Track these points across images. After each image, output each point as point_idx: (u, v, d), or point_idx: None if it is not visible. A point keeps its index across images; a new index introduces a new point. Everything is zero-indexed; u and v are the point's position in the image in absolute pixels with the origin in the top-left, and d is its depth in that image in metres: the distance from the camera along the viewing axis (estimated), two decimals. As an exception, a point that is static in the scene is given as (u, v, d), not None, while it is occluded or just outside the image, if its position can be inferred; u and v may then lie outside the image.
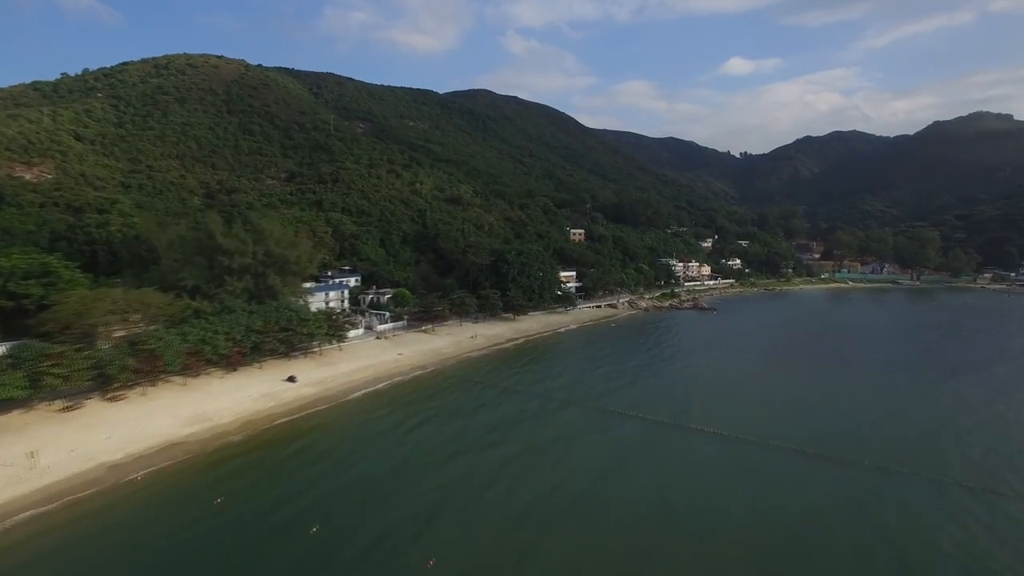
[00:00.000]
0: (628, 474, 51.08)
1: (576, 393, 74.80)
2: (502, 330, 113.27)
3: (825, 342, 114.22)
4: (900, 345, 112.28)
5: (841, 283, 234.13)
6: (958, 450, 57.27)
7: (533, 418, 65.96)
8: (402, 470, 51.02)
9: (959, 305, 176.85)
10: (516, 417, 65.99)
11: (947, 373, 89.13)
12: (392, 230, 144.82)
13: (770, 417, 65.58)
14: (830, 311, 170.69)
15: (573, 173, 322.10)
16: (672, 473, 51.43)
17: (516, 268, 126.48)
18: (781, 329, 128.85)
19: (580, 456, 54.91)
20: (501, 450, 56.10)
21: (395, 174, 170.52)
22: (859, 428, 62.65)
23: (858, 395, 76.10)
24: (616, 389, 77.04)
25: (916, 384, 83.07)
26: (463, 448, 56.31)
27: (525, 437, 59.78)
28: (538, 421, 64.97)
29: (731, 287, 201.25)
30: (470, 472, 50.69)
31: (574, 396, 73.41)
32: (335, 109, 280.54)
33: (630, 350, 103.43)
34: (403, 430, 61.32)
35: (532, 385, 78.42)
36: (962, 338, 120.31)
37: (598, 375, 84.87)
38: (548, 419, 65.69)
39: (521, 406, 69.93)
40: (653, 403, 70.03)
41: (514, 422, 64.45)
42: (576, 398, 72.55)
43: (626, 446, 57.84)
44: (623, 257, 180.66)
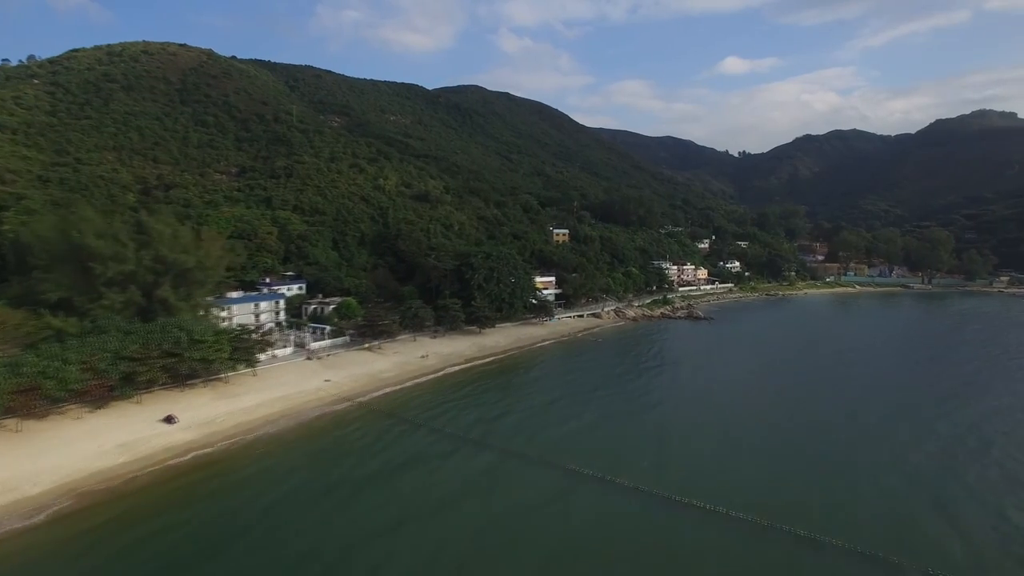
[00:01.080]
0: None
1: (523, 439, 58.78)
2: (462, 347, 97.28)
3: (830, 367, 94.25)
4: (919, 375, 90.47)
5: (847, 287, 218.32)
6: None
7: (461, 482, 49.93)
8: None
9: (978, 314, 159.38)
10: (434, 486, 49.82)
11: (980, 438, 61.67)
12: (349, 230, 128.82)
13: (769, 485, 49.63)
14: (836, 322, 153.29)
15: (563, 170, 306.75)
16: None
17: (482, 274, 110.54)
18: (780, 346, 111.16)
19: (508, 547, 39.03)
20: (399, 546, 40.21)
21: (358, 169, 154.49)
22: (861, 504, 45.83)
23: (869, 457, 56.41)
24: (576, 433, 60.92)
25: (940, 449, 58.28)
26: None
27: (435, 523, 43.76)
28: (467, 489, 48.93)
29: (729, 292, 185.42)
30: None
31: (518, 443, 57.38)
32: (311, 103, 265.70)
33: (604, 375, 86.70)
34: (286, 501, 45.38)
35: (472, 427, 62.37)
36: (998, 364, 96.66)
37: (558, 411, 68.56)
38: (482, 483, 49.76)
39: (447, 463, 53.97)
40: (620, 457, 54.02)
41: (430, 494, 48.42)
42: (521, 447, 56.46)
43: (579, 530, 41.90)
44: (611, 260, 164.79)
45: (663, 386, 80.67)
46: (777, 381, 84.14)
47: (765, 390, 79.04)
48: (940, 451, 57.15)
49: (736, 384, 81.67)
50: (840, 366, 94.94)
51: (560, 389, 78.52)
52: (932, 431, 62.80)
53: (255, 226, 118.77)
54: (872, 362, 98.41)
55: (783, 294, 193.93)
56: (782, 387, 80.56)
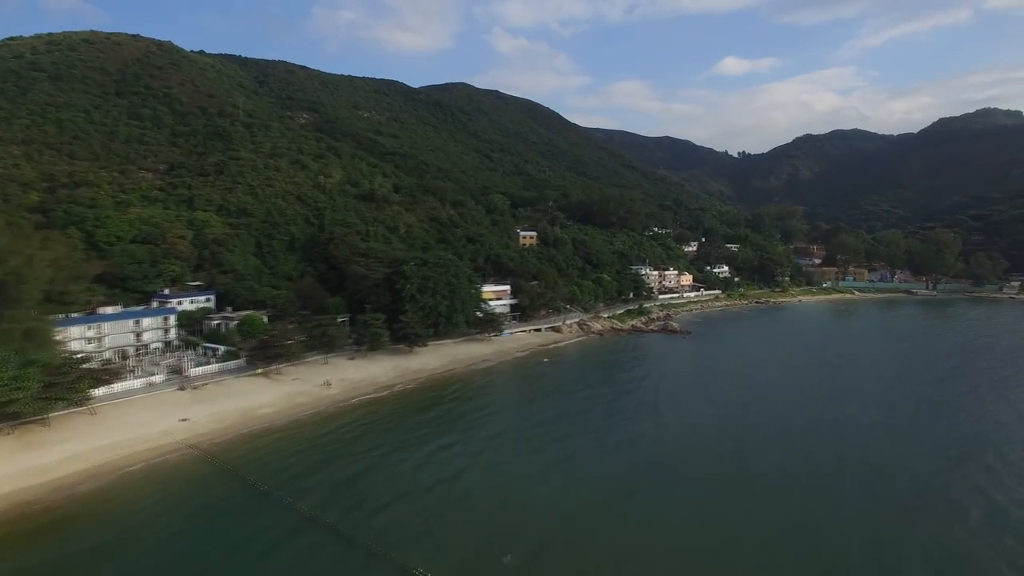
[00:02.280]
0: None
1: (396, 519, 43.78)
2: (380, 371, 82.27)
3: (818, 403, 75.00)
4: (931, 422, 68.55)
5: (846, 293, 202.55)
6: None
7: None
8: None
9: (991, 327, 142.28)
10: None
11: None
12: (277, 233, 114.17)
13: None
14: (831, 336, 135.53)
15: (547, 169, 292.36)
16: None
17: (416, 284, 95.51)
18: (762, 373, 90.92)
19: None
20: None
21: (300, 166, 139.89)
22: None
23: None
24: (462, 518, 45.42)
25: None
26: None
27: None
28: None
29: (716, 299, 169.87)
30: None
31: (379, 523, 42.35)
32: (278, 98, 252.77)
33: (532, 417, 70.72)
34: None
35: (336, 496, 47.20)
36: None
37: (427, 478, 51.61)
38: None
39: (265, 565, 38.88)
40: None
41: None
42: (385, 534, 41.40)
43: None
44: (584, 265, 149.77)
45: (604, 441, 61.09)
46: (757, 433, 63.66)
47: (741, 448, 59.08)
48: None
49: (704, 436, 62.95)
50: (837, 405, 73.76)
51: (468, 440, 63.23)
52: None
53: (164, 229, 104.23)
54: (874, 405, 73.96)
55: (775, 302, 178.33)
56: (762, 441, 61.38)
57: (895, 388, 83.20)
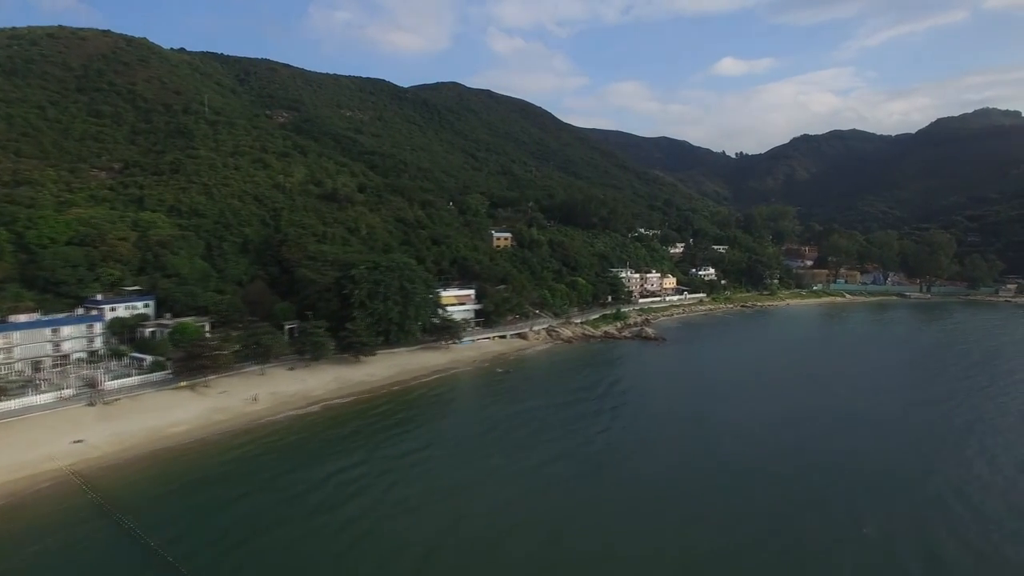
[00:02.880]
0: None
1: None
2: (318, 383, 76.26)
3: (796, 429, 65.34)
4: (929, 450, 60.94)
5: (836, 296, 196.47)
6: None
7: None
8: None
9: (987, 334, 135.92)
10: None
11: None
12: (229, 235, 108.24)
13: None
14: (817, 341, 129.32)
15: (533, 169, 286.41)
16: None
17: (366, 289, 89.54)
18: (733, 386, 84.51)
19: None
20: None
21: (262, 164, 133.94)
22: None
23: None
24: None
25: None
26: None
27: None
28: None
29: (700, 303, 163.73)
30: None
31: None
32: (259, 96, 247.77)
33: (452, 437, 63.96)
34: None
35: (206, 543, 41.34)
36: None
37: (310, 505, 46.05)
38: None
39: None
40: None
41: None
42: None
43: None
44: (561, 268, 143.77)
45: (533, 468, 54.12)
46: (715, 467, 54.70)
47: (697, 491, 49.77)
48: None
49: (658, 476, 53.20)
50: (820, 436, 63.86)
51: (374, 460, 57.02)
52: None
53: (104, 230, 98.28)
54: (863, 433, 65.28)
55: (762, 305, 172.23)
56: (721, 479, 52.19)
57: (878, 411, 75.33)
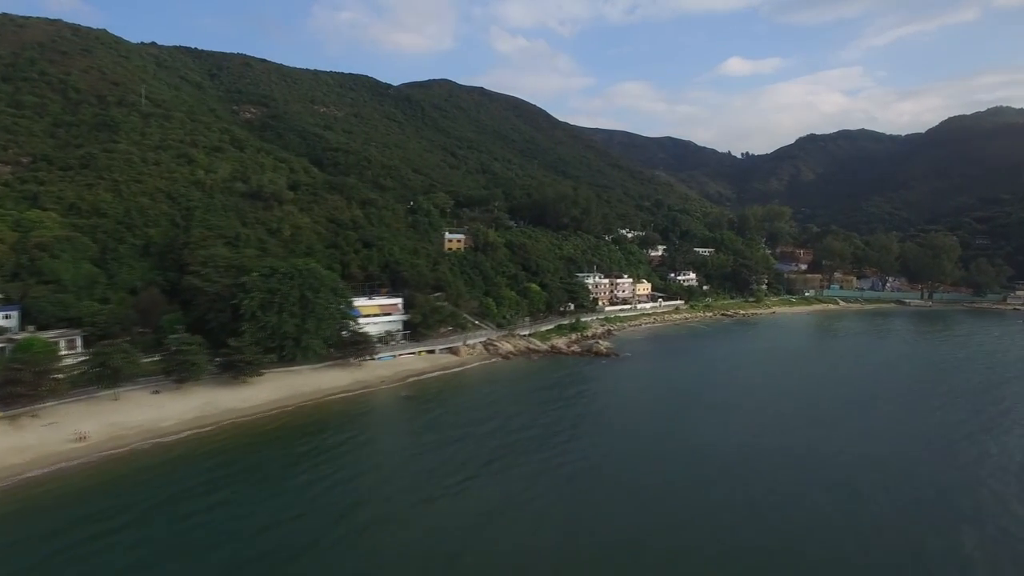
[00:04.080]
0: None
1: None
2: (178, 411, 64.22)
3: (742, 488, 50.07)
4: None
5: (829, 303, 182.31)
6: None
7: None
8: None
9: (991, 347, 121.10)
10: None
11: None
12: (131, 236, 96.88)
13: None
14: (792, 360, 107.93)
15: (515, 167, 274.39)
16: None
17: (257, 299, 77.67)
18: (684, 421, 69.20)
19: None
20: None
21: (186, 159, 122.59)
22: None
23: None
24: None
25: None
26: None
27: None
28: None
29: (675, 311, 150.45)
30: None
31: None
32: (227, 91, 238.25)
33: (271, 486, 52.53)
34: None
35: None
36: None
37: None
38: None
39: None
40: None
41: None
42: None
43: None
44: (520, 272, 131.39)
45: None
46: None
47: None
48: None
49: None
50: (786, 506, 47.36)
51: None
52: None
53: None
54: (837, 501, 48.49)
55: (745, 314, 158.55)
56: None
57: (846, 457, 60.03)
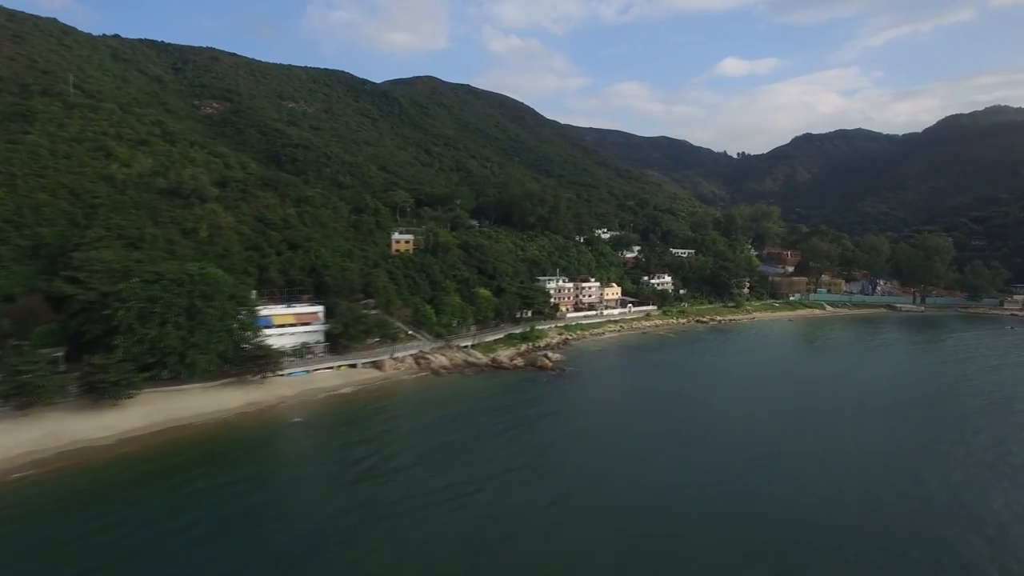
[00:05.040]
0: None
1: None
2: (7, 444, 53.85)
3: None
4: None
5: (815, 308, 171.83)
6: None
7: None
8: None
9: (985, 361, 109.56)
10: None
11: None
12: (19, 236, 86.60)
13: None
14: (768, 387, 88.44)
15: (493, 165, 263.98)
16: None
17: (135, 309, 67.35)
18: (622, 456, 57.98)
19: None
20: None
21: (104, 152, 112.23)
22: None
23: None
24: None
25: None
26: None
27: None
28: None
29: (646, 318, 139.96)
30: None
31: None
32: (190, 86, 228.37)
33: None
34: None
35: None
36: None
37: None
38: None
39: None
40: None
41: None
42: None
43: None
44: (473, 276, 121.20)
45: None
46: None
47: None
48: None
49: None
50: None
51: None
52: None
53: None
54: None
55: (722, 320, 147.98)
56: None
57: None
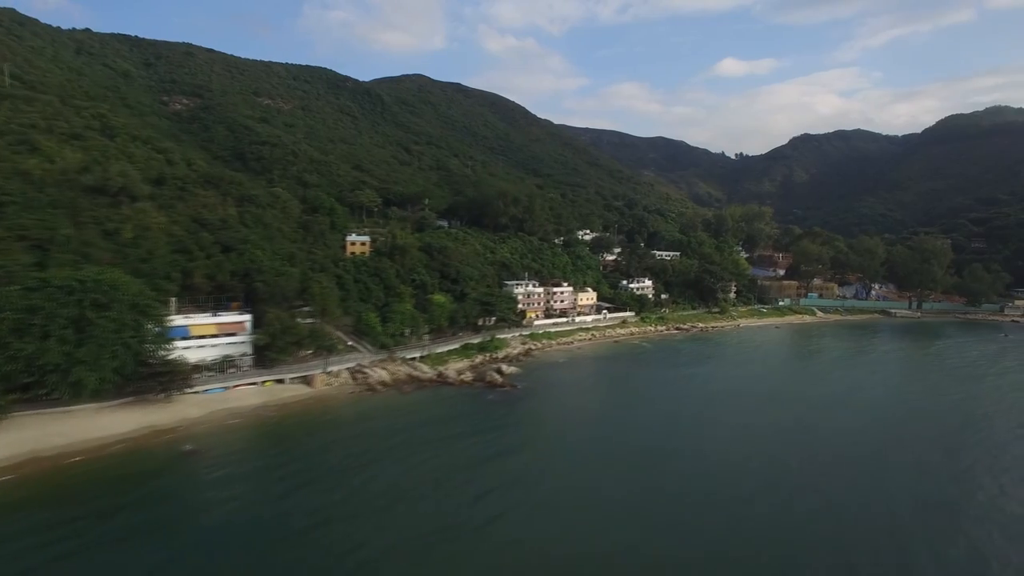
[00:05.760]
0: None
1: None
2: None
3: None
4: None
5: (805, 314, 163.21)
6: None
7: None
8: None
9: (982, 379, 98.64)
10: None
11: None
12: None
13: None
14: (746, 411, 75.56)
15: (476, 164, 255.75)
16: None
17: (10, 322, 58.99)
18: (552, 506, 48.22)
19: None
20: None
21: (28, 146, 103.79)
22: None
23: None
24: None
25: None
26: None
27: None
28: None
29: (622, 324, 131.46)
30: None
31: None
32: (160, 81, 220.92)
33: None
34: None
35: None
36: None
37: None
38: None
39: None
40: None
41: None
42: None
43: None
44: (438, 280, 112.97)
45: None
46: None
47: None
48: None
49: None
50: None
51: None
52: None
53: None
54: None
55: (704, 327, 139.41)
56: None
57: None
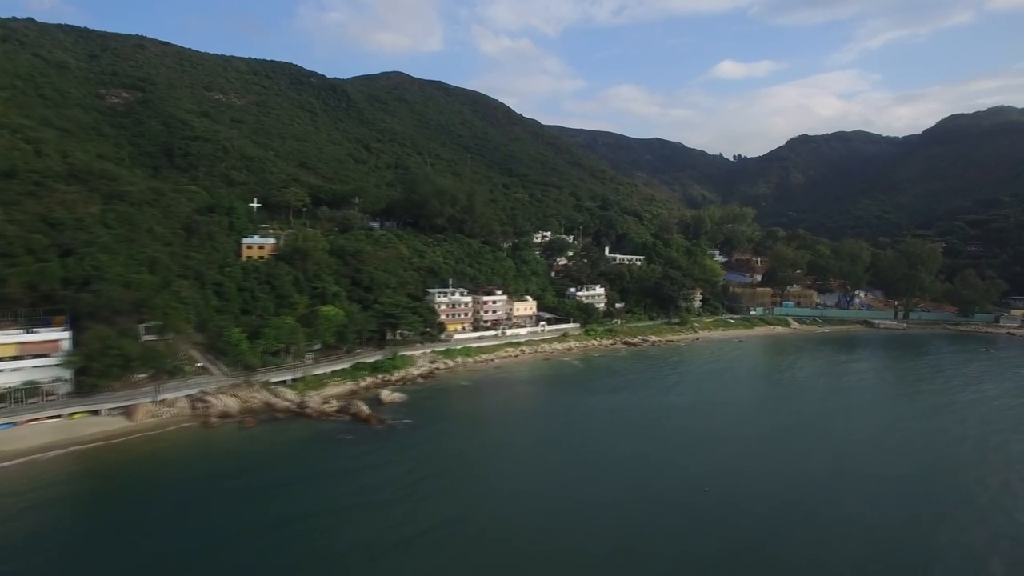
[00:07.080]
0: None
1: None
2: None
3: None
4: None
5: (777, 324, 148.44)
6: None
7: None
8: None
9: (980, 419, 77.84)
10: None
11: None
12: None
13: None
14: (670, 465, 59.96)
15: (442, 163, 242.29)
16: None
17: None
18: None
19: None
20: None
21: None
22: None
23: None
24: None
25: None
26: None
27: None
28: None
29: (563, 337, 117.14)
30: None
31: None
32: (100, 74, 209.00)
33: None
34: None
35: None
36: None
37: None
38: None
39: None
40: None
41: None
42: None
43: None
44: (351, 288, 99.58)
45: None
46: None
47: None
48: None
49: None
50: None
51: None
52: None
53: None
54: None
55: (658, 341, 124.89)
56: None
57: None
